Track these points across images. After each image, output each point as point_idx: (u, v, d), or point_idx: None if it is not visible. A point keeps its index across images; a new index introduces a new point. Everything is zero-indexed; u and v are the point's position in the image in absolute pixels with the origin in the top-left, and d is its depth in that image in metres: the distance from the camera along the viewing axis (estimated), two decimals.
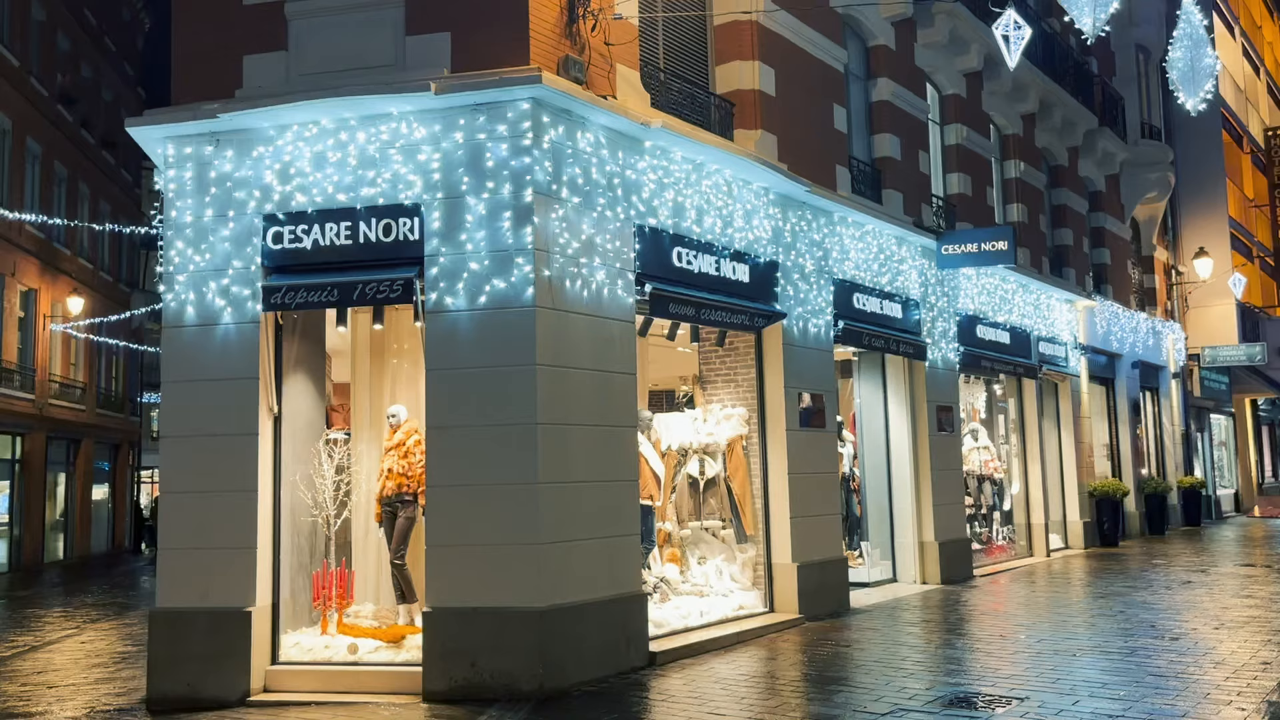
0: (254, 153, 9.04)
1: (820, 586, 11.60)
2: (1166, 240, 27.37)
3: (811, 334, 12.11)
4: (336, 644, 8.91)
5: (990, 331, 16.66)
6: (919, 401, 14.59)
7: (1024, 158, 18.78)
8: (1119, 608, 11.90)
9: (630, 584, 9.17)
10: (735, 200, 11.07)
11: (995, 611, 11.95)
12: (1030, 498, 18.23)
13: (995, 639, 10.09)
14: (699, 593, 11.10)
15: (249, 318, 8.94)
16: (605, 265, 9.21)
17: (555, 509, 8.46)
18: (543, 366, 8.49)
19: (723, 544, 11.79)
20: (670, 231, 10.09)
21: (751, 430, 11.70)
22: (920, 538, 14.37)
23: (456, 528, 8.43)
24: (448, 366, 8.58)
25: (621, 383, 9.32)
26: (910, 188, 14.81)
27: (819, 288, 12.33)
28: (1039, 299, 18.67)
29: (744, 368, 11.85)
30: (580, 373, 8.86)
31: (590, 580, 8.72)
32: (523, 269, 8.51)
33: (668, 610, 10.36)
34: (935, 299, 15.09)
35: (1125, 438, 22.46)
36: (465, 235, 8.62)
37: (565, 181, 8.88)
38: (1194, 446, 27.39)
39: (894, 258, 14.09)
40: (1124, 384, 22.53)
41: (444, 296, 8.62)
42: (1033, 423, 18.39)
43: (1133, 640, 9.77)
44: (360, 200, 8.85)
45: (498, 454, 8.41)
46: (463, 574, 8.38)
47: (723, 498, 11.62)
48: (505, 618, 8.25)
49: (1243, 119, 32.25)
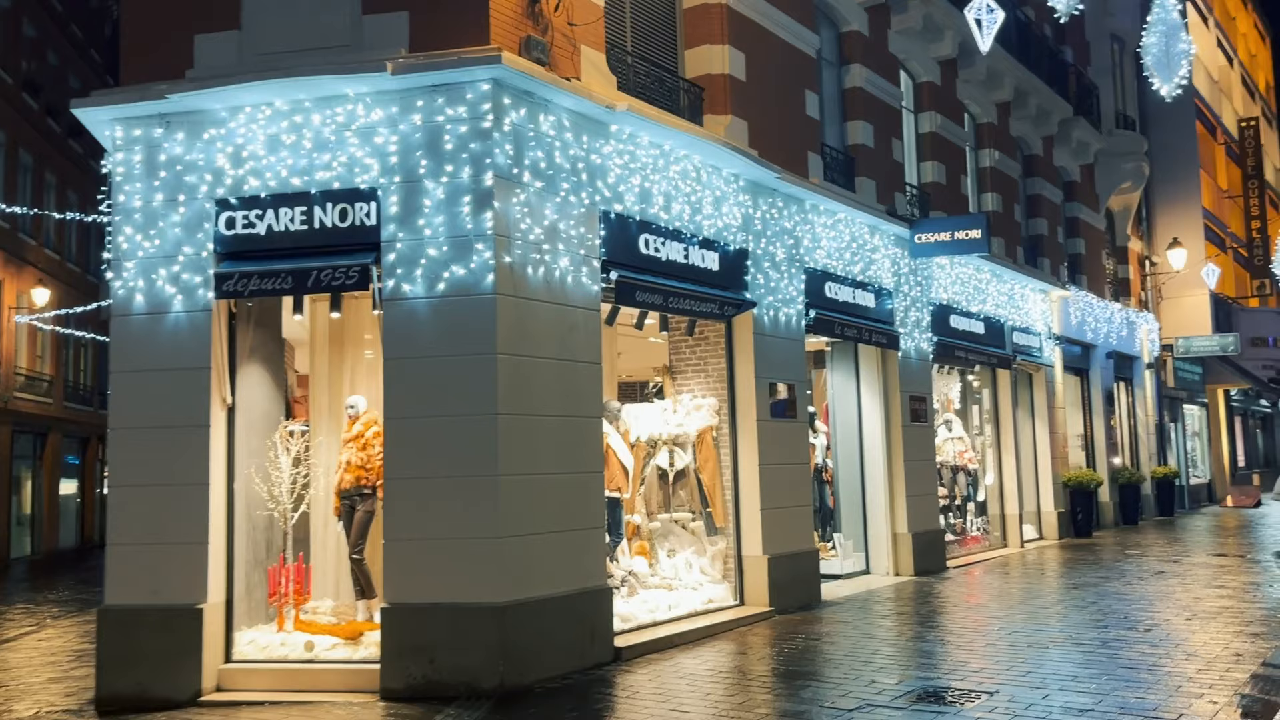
0: (205, 135, 8.76)
1: (791, 579, 11.44)
2: (1140, 231, 27.38)
3: (783, 323, 11.93)
4: (293, 641, 8.66)
5: (964, 321, 16.55)
6: (892, 392, 14.45)
7: (999, 146, 18.67)
8: (1091, 599, 11.81)
9: (595, 578, 8.97)
10: (704, 187, 10.86)
11: (968, 603, 11.84)
12: (1004, 488, 18.16)
13: (967, 631, 9.96)
14: (668, 586, 10.92)
15: (201, 306, 8.66)
16: (569, 252, 8.99)
17: (517, 502, 8.25)
18: (504, 356, 8.26)
19: (692, 536, 11.61)
20: (637, 218, 9.87)
21: (722, 421, 11.52)
22: (893, 529, 14.24)
23: (415, 521, 8.20)
24: (406, 355, 8.34)
25: (586, 372, 9.10)
26: (883, 176, 14.65)
27: (790, 276, 12.15)
28: (1013, 289, 18.58)
29: (714, 357, 11.66)
30: (543, 362, 8.64)
31: (553, 574, 8.51)
32: (483, 255, 8.28)
33: (635, 604, 10.17)
34: (908, 288, 14.94)
35: (1099, 428, 22.45)
36: (423, 220, 8.38)
37: (527, 165, 8.65)
38: (1167, 437, 27.45)
39: (867, 246, 13.93)
40: (1098, 374, 22.51)
41: (401, 283, 8.37)
42: (1007, 413, 18.32)
43: (1105, 632, 9.66)
44: (315, 184, 8.59)
45: (457, 446, 8.19)
46: (421, 569, 8.16)
47: (692, 489, 11.44)
48: (465, 613, 8.03)
49: (1216, 110, 32.31)
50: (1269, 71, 42.18)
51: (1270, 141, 40.27)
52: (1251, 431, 40.35)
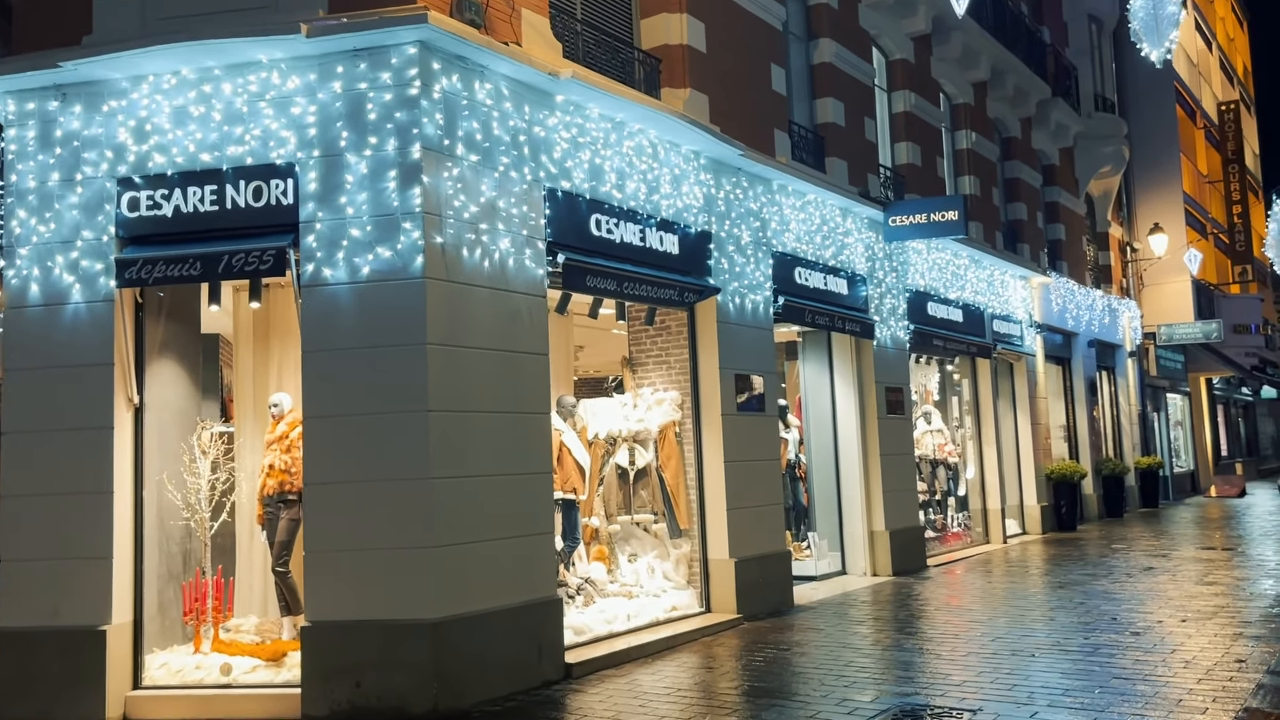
0: (105, 108, 7.95)
1: (761, 583, 10.73)
2: (1121, 216, 26.83)
3: (749, 310, 11.20)
4: (209, 664, 7.87)
5: (942, 309, 15.87)
6: (867, 383, 13.75)
7: (976, 128, 18.01)
8: (1079, 599, 11.15)
9: (543, 588, 8.21)
10: (662, 164, 10.12)
11: (949, 606, 11.15)
12: (985, 482, 17.52)
13: (948, 638, 9.27)
14: (628, 594, 10.18)
15: (102, 295, 7.86)
16: (510, 232, 8.22)
17: (452, 507, 7.48)
18: (435, 346, 7.49)
19: (655, 539, 10.87)
20: (586, 196, 9.11)
21: (685, 415, 10.79)
22: (870, 527, 13.55)
23: (338, 530, 7.42)
24: (327, 347, 7.56)
25: (531, 365, 8.34)
26: (856, 156, 13.95)
27: (757, 261, 11.42)
28: (992, 275, 17.93)
29: (676, 348, 10.92)
30: (481, 353, 7.87)
31: (495, 586, 7.75)
32: (410, 235, 7.50)
33: (591, 615, 9.43)
34: (883, 274, 14.25)
35: (1082, 419, 21.86)
36: (345, 198, 7.60)
37: (460, 137, 7.87)
38: (1150, 427, 26.93)
39: (838, 230, 13.22)
40: (1080, 363, 21.91)
41: (322, 268, 7.59)
42: (987, 404, 17.67)
43: (1095, 636, 8.98)
44: (227, 160, 7.80)
45: (385, 446, 7.42)
46: (345, 582, 7.38)
47: (655, 489, 10.70)
48: (394, 631, 7.26)
49: (1196, 94, 31.82)
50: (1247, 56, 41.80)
51: (1249, 128, 39.88)
52: (1234, 420, 39.98)
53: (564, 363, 11.15)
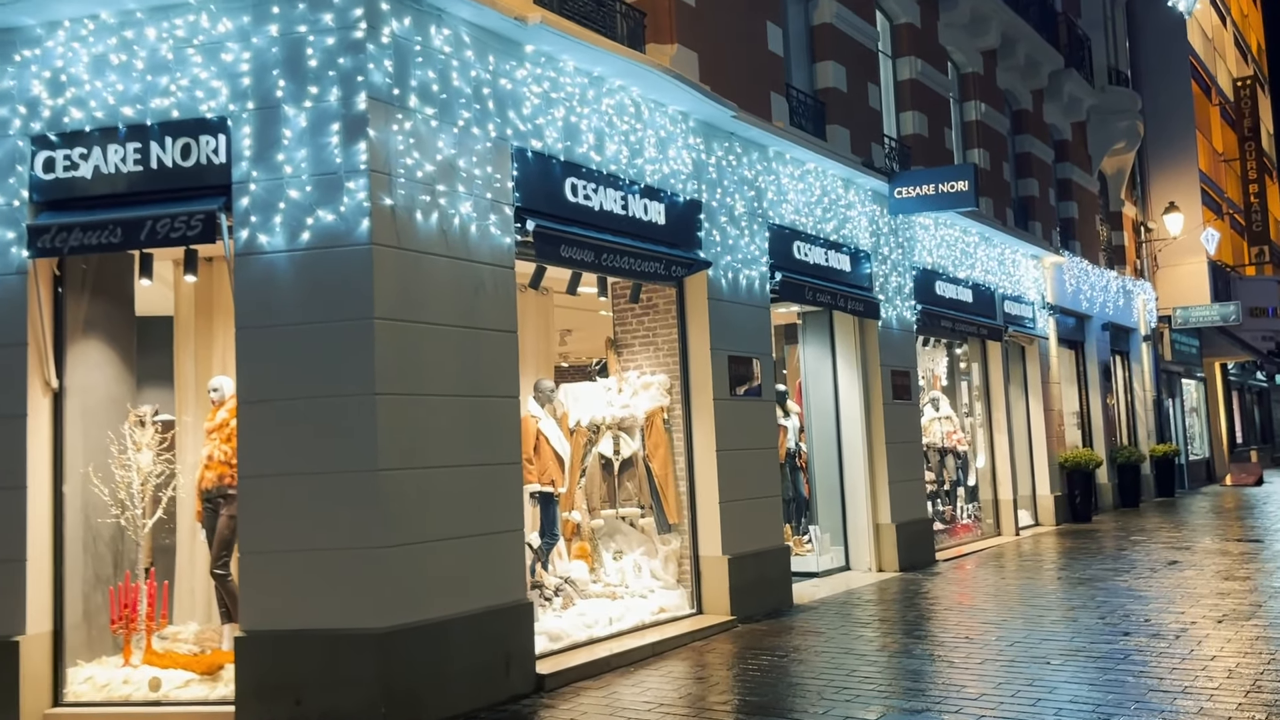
0: (17, 58, 7.11)
1: (757, 582, 9.90)
2: (1135, 195, 25.89)
3: (743, 287, 10.35)
4: (139, 677, 7.06)
5: (950, 288, 15.00)
6: (872, 366, 12.89)
7: (985, 99, 17.09)
8: (1101, 596, 10.30)
9: (512, 591, 7.38)
10: (646, 126, 9.25)
11: (960, 605, 10.31)
12: (997, 471, 16.65)
13: (960, 642, 8.43)
14: (611, 594, 9.35)
15: (14, 268, 7.03)
16: (472, 195, 7.37)
17: (405, 502, 6.65)
18: (384, 321, 6.65)
19: (642, 535, 10.04)
20: (561, 158, 8.26)
21: (675, 401, 9.95)
22: (875, 520, 12.71)
23: (275, 529, 6.60)
24: (263, 323, 6.72)
25: (497, 343, 7.50)
26: (859, 124, 13.07)
27: (751, 233, 10.55)
28: (1003, 253, 17.04)
29: (664, 328, 10.08)
30: (438, 329, 7.03)
31: (455, 590, 6.92)
32: (355, 196, 6.65)
33: (570, 618, 8.60)
34: (888, 251, 13.38)
35: (1096, 405, 20.98)
36: (283, 155, 6.76)
37: (414, 87, 7.02)
38: (1165, 413, 26.03)
39: (840, 202, 12.34)
40: (1094, 347, 21.02)
41: (257, 234, 6.75)
42: (998, 389, 16.80)
43: (1123, 640, 8.14)
44: (152, 114, 6.95)
45: (328, 434, 6.58)
46: (284, 588, 6.56)
47: (641, 480, 9.87)
48: (338, 642, 6.44)
49: (1211, 69, 30.84)
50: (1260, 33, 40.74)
51: (1264, 107, 38.86)
52: (1248, 407, 39.04)
53: (543, 344, 10.31)
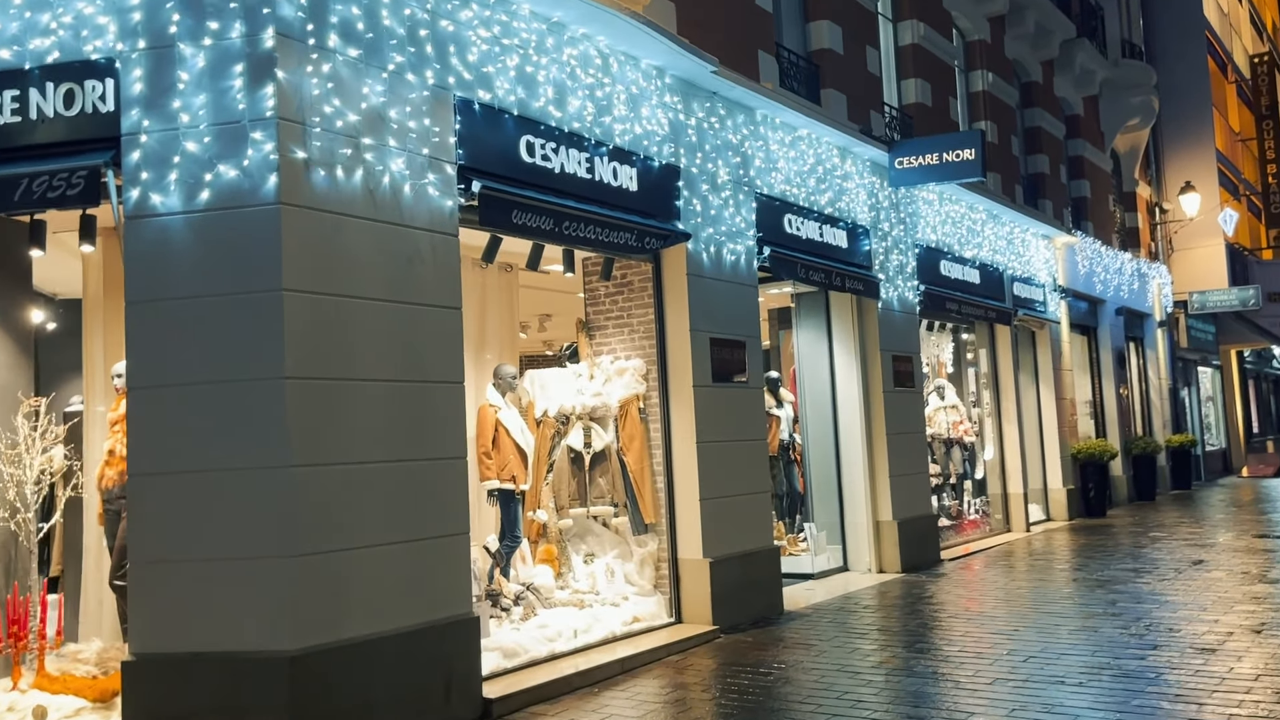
0: None
1: (743, 587, 8.97)
2: (1149, 175, 24.86)
3: (727, 262, 9.40)
4: (26, 704, 6.15)
5: (956, 268, 14.03)
6: (871, 351, 11.94)
7: (993, 68, 16.09)
8: (1122, 602, 9.35)
9: (455, 604, 6.45)
10: (615, 81, 8.30)
11: (968, 612, 9.37)
12: (1006, 464, 15.69)
13: (969, 658, 7.48)
14: (578, 603, 8.42)
15: None
16: (406, 151, 6.43)
17: (321, 503, 5.73)
18: (295, 293, 5.72)
19: (615, 536, 9.11)
20: (514, 113, 7.31)
21: (651, 388, 9.01)
22: (875, 517, 11.76)
23: (170, 535, 5.68)
24: (156, 297, 5.80)
25: (437, 321, 6.56)
26: (856, 90, 12.10)
27: (737, 204, 9.60)
28: (1012, 232, 16.05)
29: (640, 307, 9.14)
30: (364, 304, 6.10)
31: (384, 604, 6.00)
32: (261, 148, 5.72)
33: (530, 631, 7.67)
34: (889, 226, 12.41)
35: (1110, 393, 20.00)
36: (179, 102, 5.83)
37: (334, 24, 6.08)
38: (1181, 402, 25.02)
39: (836, 172, 11.38)
40: (1108, 333, 20.03)
41: (150, 193, 5.82)
42: (1007, 376, 15.82)
43: (1151, 655, 7.20)
44: (30, 57, 6.02)
45: (230, 425, 5.66)
46: (179, 603, 5.64)
47: (615, 476, 8.94)
48: (243, 666, 5.52)
49: (1227, 45, 29.74)
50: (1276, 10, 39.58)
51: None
52: (1265, 395, 37.96)
53: (507, 327, 9.39)
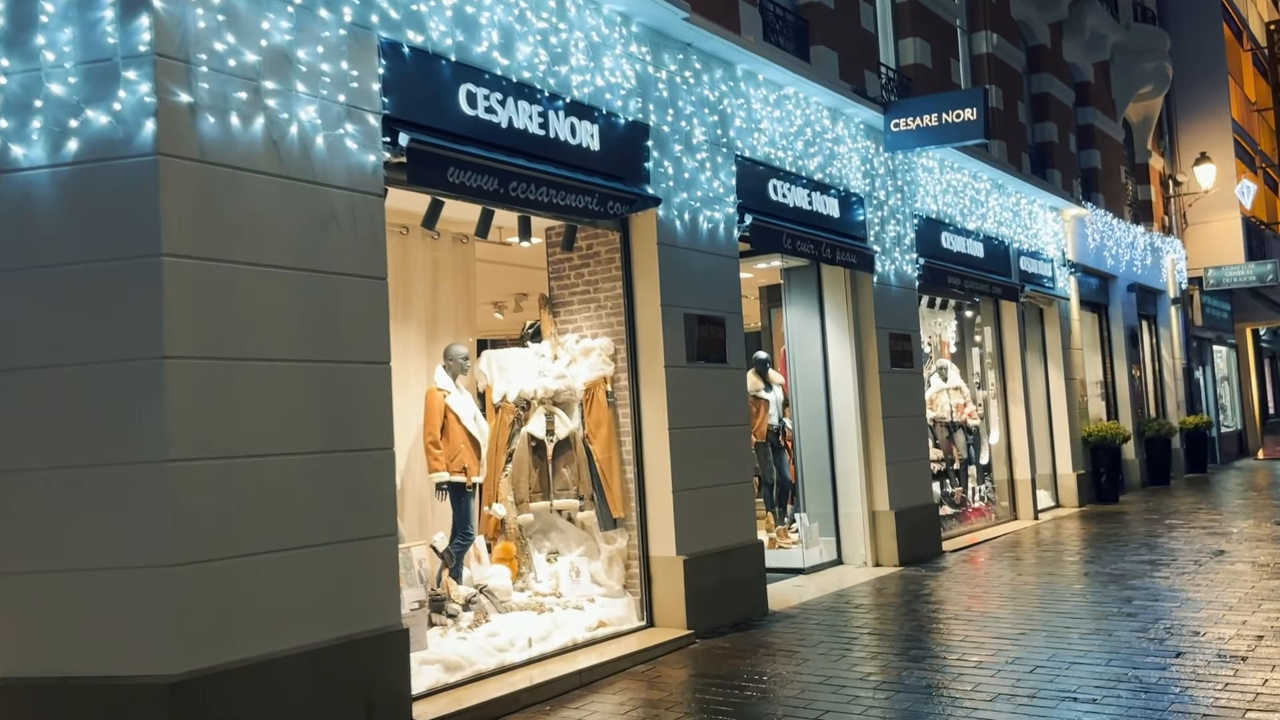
0: None
1: (721, 587, 8.17)
2: (1162, 146, 23.90)
3: (704, 231, 8.57)
4: None
5: (959, 240, 13.17)
6: (866, 329, 11.10)
7: (998, 30, 15.17)
8: (1139, 599, 8.54)
9: (380, 615, 5.66)
10: (573, 26, 7.46)
11: (969, 612, 8.55)
12: (1013, 448, 14.85)
13: (969, 667, 6.68)
14: (537, 606, 7.63)
15: None
16: (318, 97, 5.60)
17: (209, 504, 4.93)
18: (177, 259, 4.91)
19: (581, 532, 8.31)
20: (451, 58, 6.47)
21: (620, 370, 8.21)
22: (871, 507, 10.95)
23: (30, 542, 4.89)
24: (17, 265, 5.00)
25: (358, 292, 5.75)
26: (849, 48, 11.22)
27: (715, 167, 8.76)
28: (1019, 203, 15.17)
29: (608, 280, 8.33)
30: (266, 273, 5.29)
31: (290, 618, 5.21)
32: (136, 90, 4.90)
33: (477, 640, 6.88)
34: (885, 195, 11.55)
35: (1121, 373, 19.13)
36: (43, 37, 5.01)
37: None
38: (1196, 383, 24.12)
39: (826, 135, 10.52)
40: (1119, 310, 19.15)
41: (9, 145, 5.01)
42: (1014, 356, 14.96)
43: (1174, 663, 6.38)
44: None
45: (103, 414, 4.87)
46: (42, 621, 4.86)
47: (580, 466, 8.14)
48: (117, 694, 4.74)
49: (1242, 11, 28.68)
50: None
51: None
52: None
53: (462, 304, 8.58)
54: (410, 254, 8.09)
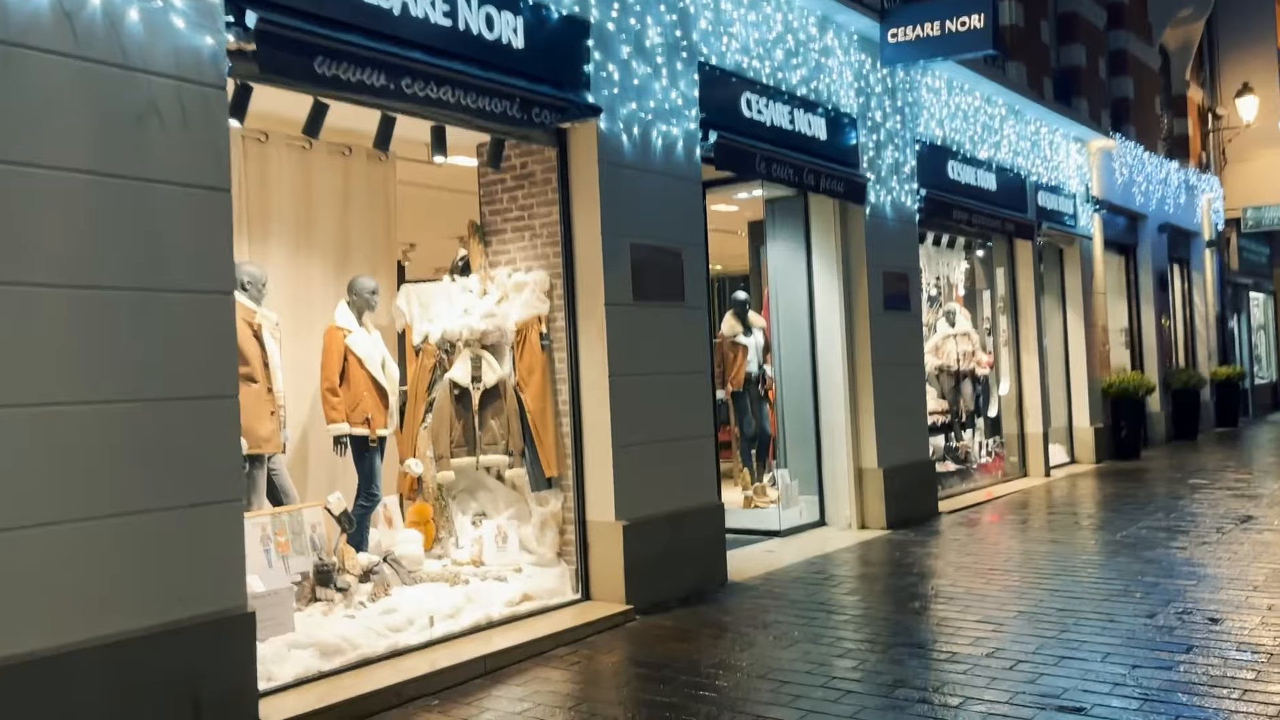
0: None
1: (670, 555, 7.19)
2: (1202, 77, 22.29)
3: (657, 149, 7.44)
4: None
5: (968, 171, 11.93)
6: (856, 266, 9.96)
7: None
8: (1151, 574, 7.48)
9: (216, 597, 4.69)
10: None
11: (954, 588, 7.52)
12: (1024, 399, 13.70)
13: (940, 659, 5.66)
14: (451, 578, 6.68)
15: None
16: None
17: None
18: None
19: (512, 492, 7.33)
20: None
21: (557, 308, 7.16)
22: (857, 464, 9.90)
23: None
24: None
25: (188, 206, 4.70)
26: None
27: (672, 75, 7.61)
28: (1038, 132, 13.86)
29: (544, 205, 7.24)
30: (55, 178, 4.25)
31: (85, 605, 4.26)
32: None
33: (369, 619, 5.94)
34: (882, 117, 10.33)
35: (1149, 320, 17.86)
36: None
37: None
38: (1229, 331, 22.74)
39: (813, 45, 9.30)
40: (1149, 252, 17.82)
41: None
42: (1028, 299, 13.74)
43: (1184, 660, 5.33)
44: None
45: None
46: None
47: (511, 417, 7.14)
48: None
49: None
50: None
51: None
52: None
53: (381, 233, 7.55)
54: (314, 172, 7.04)
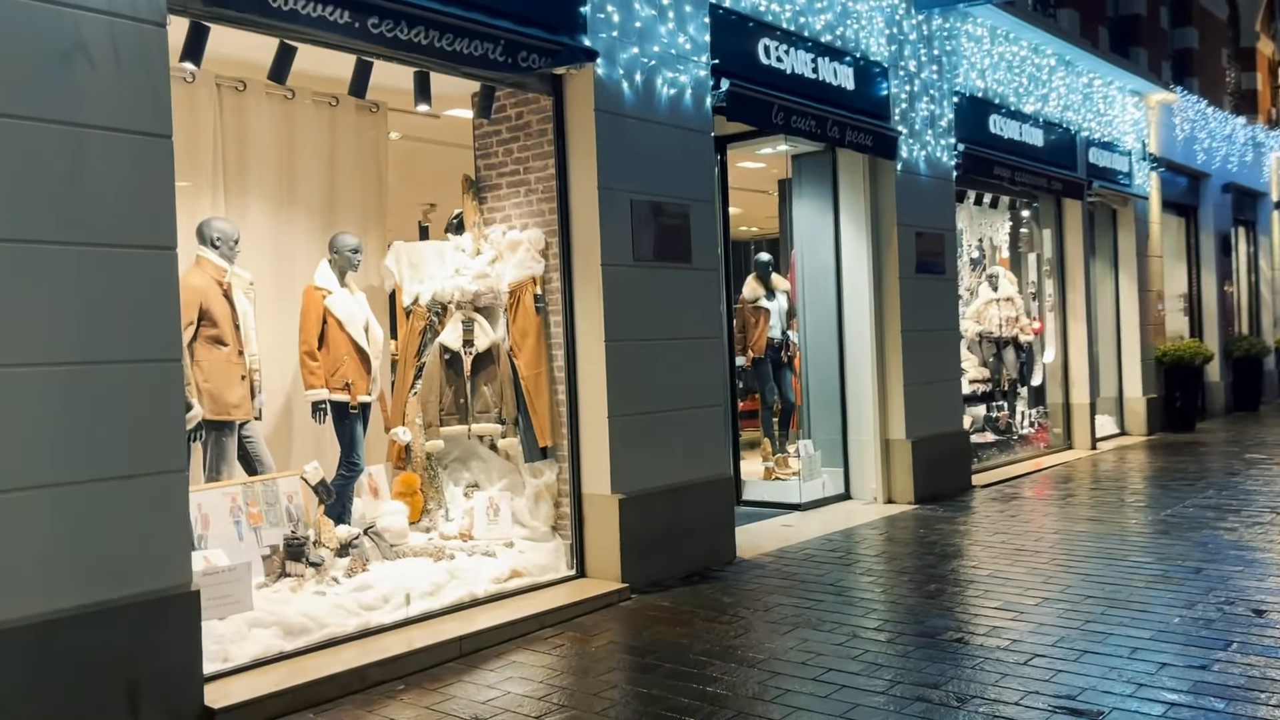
0: None
1: (671, 530, 6.79)
2: (1273, 28, 21.07)
3: (663, 97, 6.96)
4: None
5: (1011, 125, 11.24)
6: (887, 226, 9.41)
7: None
8: (1195, 558, 6.91)
9: (158, 575, 4.39)
10: None
11: (978, 570, 7.03)
12: (1070, 368, 13.03)
13: (947, 654, 5.21)
14: (436, 552, 6.34)
15: None
16: None
17: None
18: None
19: (506, 462, 6.97)
20: None
21: (552, 269, 6.75)
22: (885, 434, 9.40)
23: None
24: None
25: (124, 154, 4.34)
26: None
27: (680, 17, 7.10)
28: (1091, 84, 13.07)
29: (540, 158, 6.81)
30: None
31: (16, 581, 3.98)
32: None
33: (340, 596, 5.63)
34: (916, 67, 9.71)
35: (1209, 286, 16.97)
36: None
37: None
38: None
39: None
40: (1210, 214, 16.90)
41: None
42: (1076, 263, 13.02)
43: (1220, 658, 4.82)
44: None
45: None
46: None
47: (504, 384, 6.76)
48: None
49: None
50: None
51: None
52: None
53: (372, 188, 7.17)
54: (297, 123, 6.68)
